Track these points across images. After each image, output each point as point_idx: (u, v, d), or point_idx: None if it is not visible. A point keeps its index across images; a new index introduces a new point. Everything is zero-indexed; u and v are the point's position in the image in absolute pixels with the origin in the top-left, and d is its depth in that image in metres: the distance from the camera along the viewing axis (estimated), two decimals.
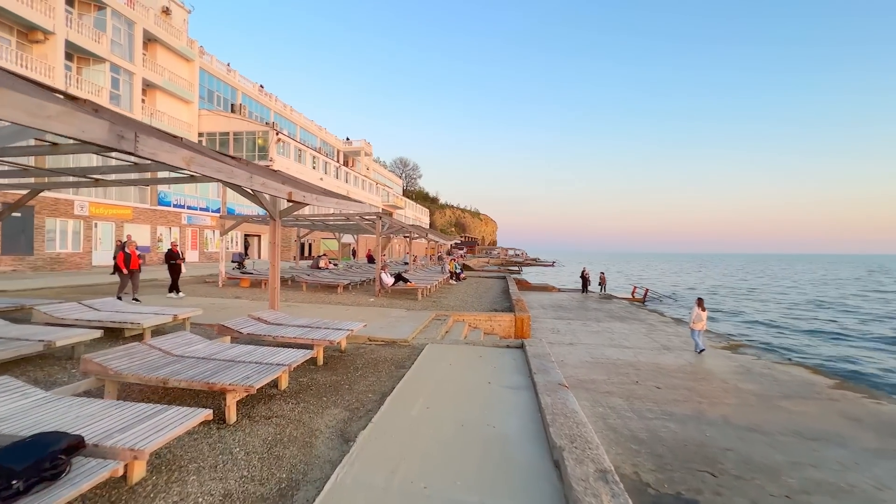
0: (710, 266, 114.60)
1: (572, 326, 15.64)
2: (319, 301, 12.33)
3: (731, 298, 33.36)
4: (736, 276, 66.83)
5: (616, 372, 9.77)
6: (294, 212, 7.52)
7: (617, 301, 24.70)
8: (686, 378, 9.48)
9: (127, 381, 3.92)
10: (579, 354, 11.48)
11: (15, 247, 16.69)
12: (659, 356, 11.59)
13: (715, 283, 49.93)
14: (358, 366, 5.96)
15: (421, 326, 8.72)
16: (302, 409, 4.36)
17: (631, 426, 6.82)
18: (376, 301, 12.82)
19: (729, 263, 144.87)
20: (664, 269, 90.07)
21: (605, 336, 14.06)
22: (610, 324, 16.50)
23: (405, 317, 9.81)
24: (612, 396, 8.11)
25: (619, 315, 18.81)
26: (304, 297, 13.21)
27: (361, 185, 55.23)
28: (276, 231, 7.41)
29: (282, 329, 6.18)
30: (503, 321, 10.51)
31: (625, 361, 10.81)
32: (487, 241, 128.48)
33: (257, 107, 43.67)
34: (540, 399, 4.52)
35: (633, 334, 14.46)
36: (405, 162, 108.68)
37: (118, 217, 21.02)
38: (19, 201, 8.10)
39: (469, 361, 6.28)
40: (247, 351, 4.93)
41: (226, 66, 39.74)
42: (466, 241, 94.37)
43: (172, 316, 6.71)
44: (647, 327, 15.94)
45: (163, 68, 31.10)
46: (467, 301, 14.01)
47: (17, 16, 22.11)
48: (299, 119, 50.69)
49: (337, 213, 14.08)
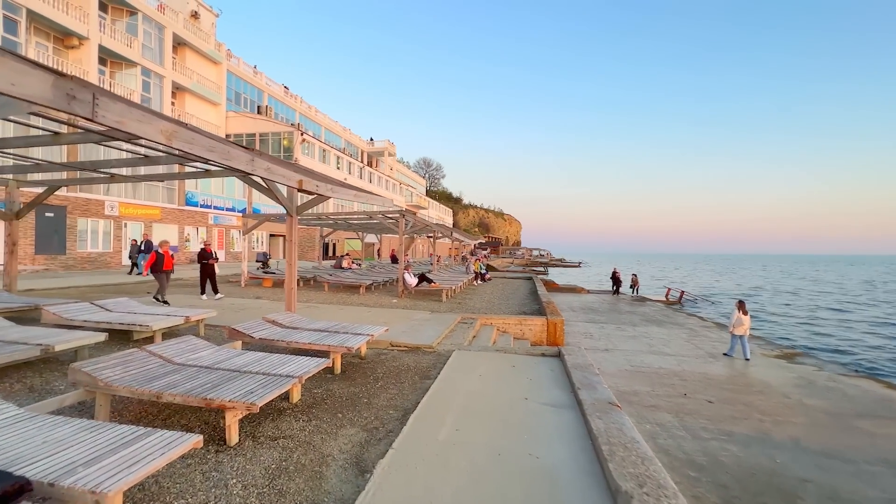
0: (745, 266, 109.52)
1: (606, 331, 14.72)
2: (341, 302, 11.90)
3: (777, 301, 31.37)
4: (774, 277, 63.42)
5: (660, 382, 8.90)
6: (312, 207, 7.04)
7: (651, 303, 23.46)
8: (740, 391, 8.52)
9: (118, 393, 3.46)
10: (617, 362, 10.62)
11: (48, 246, 17.02)
12: (705, 365, 10.61)
13: (754, 285, 47.36)
14: (378, 375, 5.39)
15: (446, 331, 8.11)
16: (314, 427, 3.81)
17: (685, 448, 6.01)
18: (399, 302, 12.30)
19: (763, 264, 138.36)
20: (694, 270, 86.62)
21: (643, 342, 13.10)
22: (647, 328, 15.48)
23: (429, 320, 9.23)
24: (658, 411, 7.28)
25: (656, 319, 17.70)
26: (325, 297, 12.83)
27: (385, 186, 55.19)
28: (294, 228, 6.95)
29: (297, 334, 5.68)
30: (534, 325, 9.79)
31: (668, 370, 9.90)
32: (511, 241, 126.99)
33: (283, 108, 44.13)
34: (589, 422, 3.82)
35: (673, 340, 13.44)
36: (428, 162, 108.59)
37: (147, 217, 21.31)
38: (36, 199, 7.94)
39: (501, 372, 5.62)
40: (256, 359, 4.43)
41: (252, 68, 40.28)
42: (490, 241, 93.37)
43: (184, 318, 6.33)
44: (688, 332, 14.85)
45: (192, 71, 31.66)
46: (494, 303, 13.33)
47: (53, 22, 22.77)
48: (324, 120, 51.03)
49: (360, 212, 13.67)
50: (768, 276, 67.59)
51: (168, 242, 10.32)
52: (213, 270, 11.55)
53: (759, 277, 64.81)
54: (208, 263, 11.40)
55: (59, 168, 6.30)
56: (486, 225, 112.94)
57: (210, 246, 11.78)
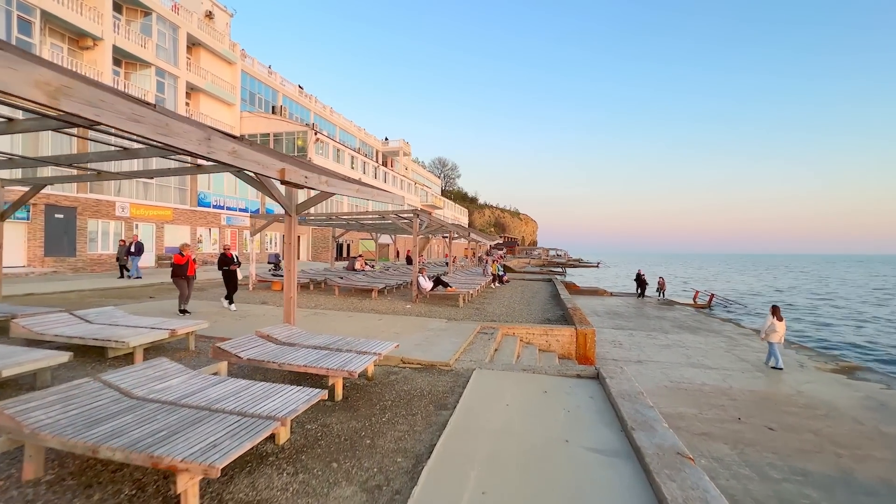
0: (773, 266, 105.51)
1: (636, 339, 13.62)
2: (351, 308, 11.13)
3: (817, 305, 29.53)
4: (806, 278, 60.59)
5: (707, 403, 7.85)
6: (314, 205, 6.25)
7: (679, 308, 22.14)
8: (803, 414, 7.41)
9: (47, 444, 2.69)
10: (654, 376, 9.58)
11: (58, 248, 16.75)
12: (754, 380, 9.48)
13: (786, 286, 45.10)
14: (386, 403, 4.55)
15: (465, 343, 7.24)
16: (300, 485, 2.98)
17: (755, 492, 5.00)
18: (413, 308, 11.47)
19: (791, 264, 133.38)
20: (720, 271, 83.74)
21: (679, 352, 11.98)
22: (680, 336, 14.32)
23: (446, 329, 8.36)
24: (712, 441, 6.27)
25: (688, 325, 16.48)
26: (335, 302, 12.09)
27: (400, 185, 54.60)
28: (292, 229, 6.17)
29: (292, 353, 4.88)
30: (562, 336, 8.83)
31: (714, 387, 8.82)
32: (528, 241, 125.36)
33: (298, 108, 43.89)
34: (657, 484, 2.90)
35: (712, 350, 12.28)
36: (444, 162, 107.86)
37: (159, 218, 21.00)
38: (20, 199, 7.35)
39: (531, 399, 4.72)
40: (236, 389, 3.63)
41: (267, 68, 40.10)
42: (506, 241, 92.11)
43: (170, 331, 5.60)
44: (727, 341, 13.64)
45: (206, 71, 31.50)
46: (514, 308, 12.39)
47: (68, 23, 22.69)
48: (339, 120, 50.72)
49: (372, 212, 12.91)
50: (799, 277, 64.64)
51: (189, 246, 9.48)
52: (236, 277, 10.47)
53: (789, 278, 62.04)
54: (230, 270, 10.17)
55: (32, 163, 5.65)
56: (501, 225, 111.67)
57: (231, 250, 10.49)
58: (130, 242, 15.35)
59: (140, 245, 15.34)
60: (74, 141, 18.29)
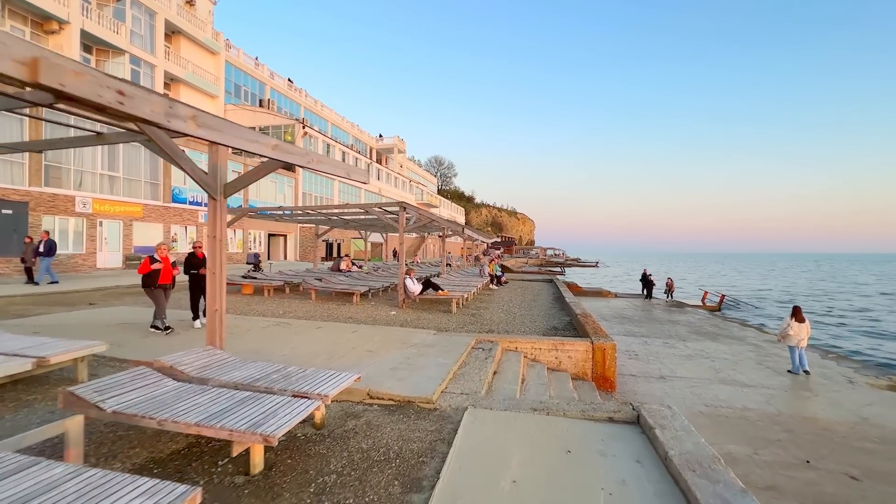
0: (776, 265, 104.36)
1: (653, 348, 12.06)
2: (325, 315, 9.52)
3: (842, 306, 28.10)
4: (812, 277, 59.35)
5: (759, 436, 6.28)
6: (245, 185, 4.62)
7: (690, 310, 20.61)
8: (885, 453, 5.85)
9: None
10: (683, 397, 8.01)
11: (6, 248, 15.03)
12: (804, 403, 7.93)
13: (796, 286, 43.71)
14: (327, 480, 2.95)
15: (455, 364, 5.65)
16: None
17: None
18: (398, 315, 9.87)
19: (788, 262, 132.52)
20: (720, 270, 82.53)
21: (705, 364, 10.42)
22: (700, 343, 12.76)
23: (433, 344, 6.76)
24: (784, 500, 4.69)
25: (706, 331, 14.94)
26: (308, 308, 10.46)
27: (394, 183, 52.95)
28: (219, 215, 4.55)
29: (192, 399, 3.26)
30: (575, 352, 7.24)
31: (759, 413, 7.25)
32: (525, 240, 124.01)
33: (286, 102, 42.16)
34: None
35: (741, 362, 10.73)
36: (440, 160, 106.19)
37: (127, 215, 19.29)
38: None
39: (550, 469, 3.13)
40: (40, 489, 2.02)
41: (254, 59, 38.36)
42: (504, 240, 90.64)
43: (34, 361, 3.95)
44: (754, 350, 12.10)
45: (186, 61, 29.77)
46: (514, 313, 10.82)
47: (30, 4, 20.95)
48: (330, 115, 49.02)
49: (352, 205, 11.29)
50: (807, 276, 63.40)
51: (165, 246, 7.28)
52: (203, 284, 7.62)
53: (797, 277, 60.78)
54: (199, 273, 7.80)
55: None
56: (499, 224, 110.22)
57: (202, 248, 8.01)
58: (40, 241, 13.20)
59: (51, 244, 12.92)
60: None
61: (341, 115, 52.10)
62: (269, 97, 39.46)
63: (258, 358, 5.69)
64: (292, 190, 32.37)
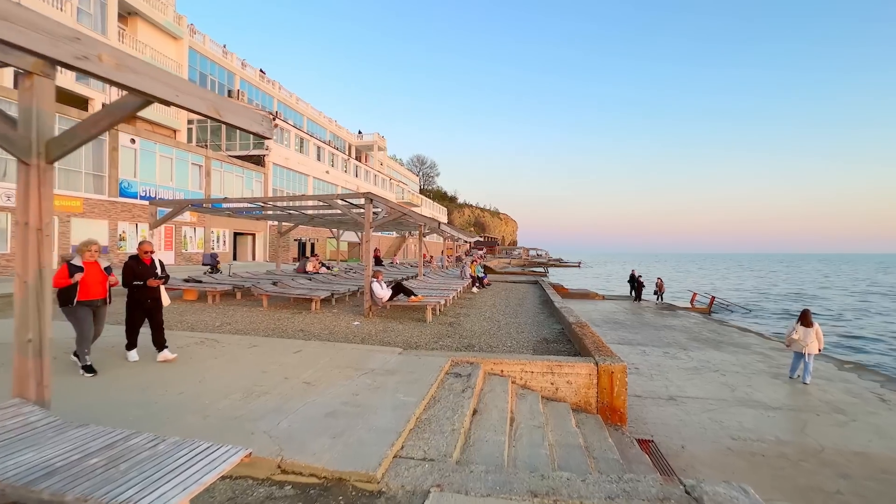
0: (744, 264, 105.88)
1: (652, 359, 10.74)
2: (270, 328, 7.85)
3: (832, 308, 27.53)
4: (797, 276, 59.88)
5: (809, 484, 4.92)
6: (82, 142, 2.97)
7: (682, 313, 19.54)
8: None
9: None
10: (703, 426, 6.63)
11: None
12: (843, 430, 6.65)
13: (780, 287, 43.61)
14: None
15: (419, 404, 4.11)
16: None
17: None
18: (362, 326, 8.28)
19: (759, 263, 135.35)
20: (695, 270, 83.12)
21: (714, 379, 9.13)
22: (703, 353, 11.52)
23: (394, 369, 5.20)
24: None
25: (705, 337, 13.76)
26: (255, 319, 8.76)
27: (374, 181, 51.10)
28: (36, 190, 2.88)
29: None
30: (575, 376, 5.77)
31: (799, 447, 5.92)
32: (507, 240, 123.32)
33: (258, 94, 39.92)
34: None
35: (753, 374, 9.48)
36: (422, 160, 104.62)
37: (64, 210, 17.10)
38: None
39: None
40: None
41: (222, 47, 36.04)
42: (487, 240, 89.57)
43: None
44: (763, 359, 10.91)
45: (144, 45, 27.37)
46: (498, 321, 9.36)
47: None
48: (306, 109, 46.86)
49: (310, 196, 9.64)
50: (792, 276, 64.00)
51: (97, 248, 5.11)
52: (158, 300, 5.61)
53: (778, 277, 61.24)
54: (144, 286, 5.45)
55: None
56: (481, 224, 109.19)
57: (150, 251, 5.61)
58: None
59: None
60: None
61: (318, 111, 49.99)
62: (239, 88, 37.19)
63: (138, 399, 4.03)
64: (261, 186, 30.28)
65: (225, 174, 27.01)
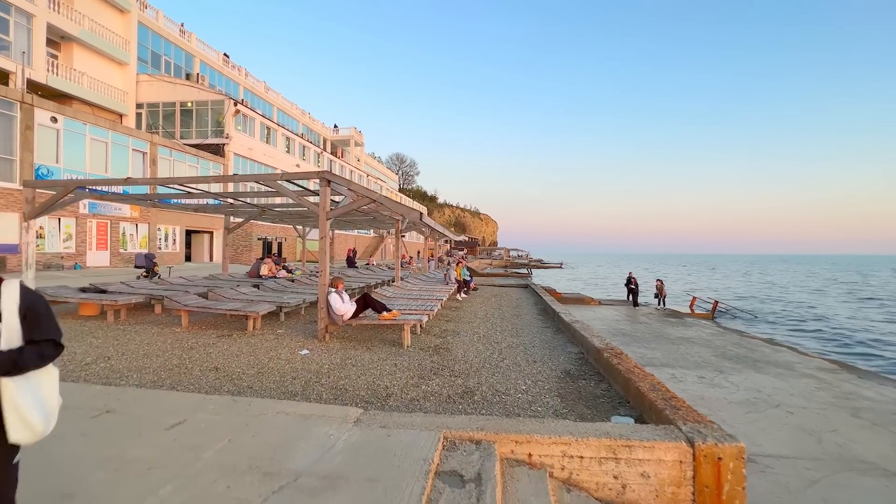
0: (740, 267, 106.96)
1: (687, 386, 8.50)
2: (173, 364, 5.22)
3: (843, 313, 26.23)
4: (786, 280, 59.73)
5: None
6: None
7: (693, 321, 17.60)
8: None
9: None
10: None
11: None
12: None
13: (774, 290, 42.71)
14: None
15: None
16: None
17: None
18: (311, 357, 5.75)
19: (745, 264, 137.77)
20: (688, 272, 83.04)
21: (779, 419, 6.95)
22: (744, 375, 9.40)
23: (339, 470, 2.68)
24: None
25: (732, 352, 11.70)
26: (160, 347, 6.10)
27: (350, 177, 48.12)
28: None
29: None
30: (655, 463, 3.39)
31: None
32: (488, 241, 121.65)
33: (221, 80, 36.52)
34: None
35: (826, 410, 7.36)
36: (402, 158, 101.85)
37: None
38: None
39: None
40: None
41: (179, 25, 32.59)
42: (468, 241, 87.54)
43: None
44: (821, 386, 8.85)
45: (82, 15, 23.90)
46: (498, 342, 7.00)
47: None
48: (276, 99, 43.56)
49: (241, 177, 7.06)
50: (793, 276, 63.97)
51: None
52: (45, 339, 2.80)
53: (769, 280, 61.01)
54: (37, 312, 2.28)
55: None
56: (462, 224, 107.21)
57: None
58: None
59: None
60: None
61: (291, 101, 46.74)
62: (199, 72, 33.78)
63: None
64: None
65: (176, 163, 23.81)
